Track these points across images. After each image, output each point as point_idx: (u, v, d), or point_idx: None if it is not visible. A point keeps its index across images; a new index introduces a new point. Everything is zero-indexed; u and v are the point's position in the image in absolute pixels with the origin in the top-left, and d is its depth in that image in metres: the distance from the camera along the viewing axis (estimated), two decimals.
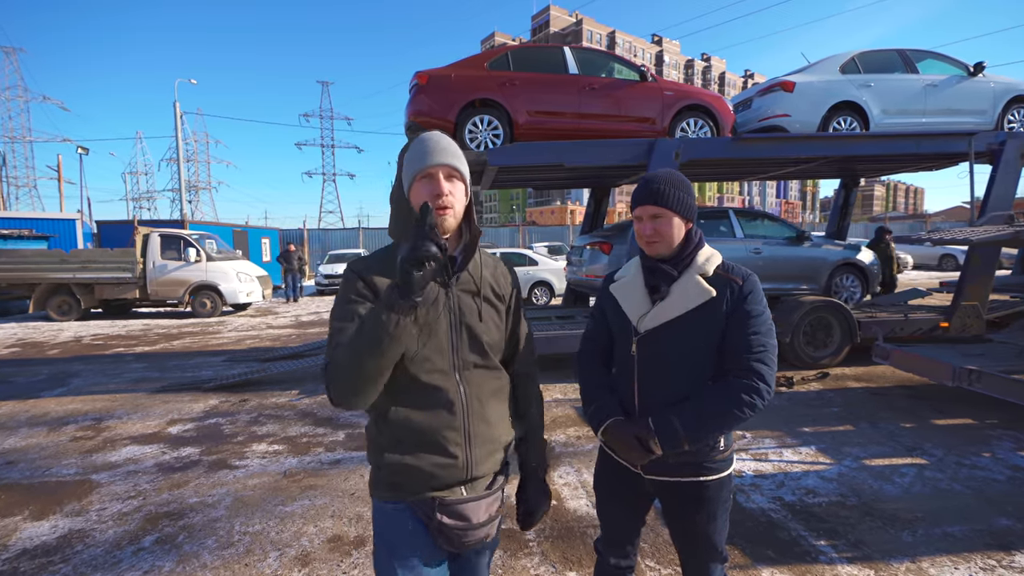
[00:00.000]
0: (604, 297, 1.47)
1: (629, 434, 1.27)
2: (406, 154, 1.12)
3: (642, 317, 1.32)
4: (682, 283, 1.29)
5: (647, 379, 1.31)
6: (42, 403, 5.06)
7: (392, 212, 1.16)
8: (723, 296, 1.26)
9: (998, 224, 4.50)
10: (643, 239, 1.32)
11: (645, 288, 1.35)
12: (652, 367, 1.31)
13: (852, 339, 5.65)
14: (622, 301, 1.38)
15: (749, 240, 6.02)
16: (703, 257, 1.32)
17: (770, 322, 1.29)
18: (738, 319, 1.25)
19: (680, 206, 1.29)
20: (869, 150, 5.75)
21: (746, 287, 1.27)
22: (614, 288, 1.42)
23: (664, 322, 1.29)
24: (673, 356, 1.29)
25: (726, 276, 1.29)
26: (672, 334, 1.28)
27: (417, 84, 5.23)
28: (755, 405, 1.22)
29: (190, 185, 57.51)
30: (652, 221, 1.29)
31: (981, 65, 6.03)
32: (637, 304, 1.34)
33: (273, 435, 4.06)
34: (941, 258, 19.46)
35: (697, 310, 1.26)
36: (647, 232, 1.30)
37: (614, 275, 1.48)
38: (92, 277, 10.70)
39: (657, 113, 5.59)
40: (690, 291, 1.28)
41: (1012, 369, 3.81)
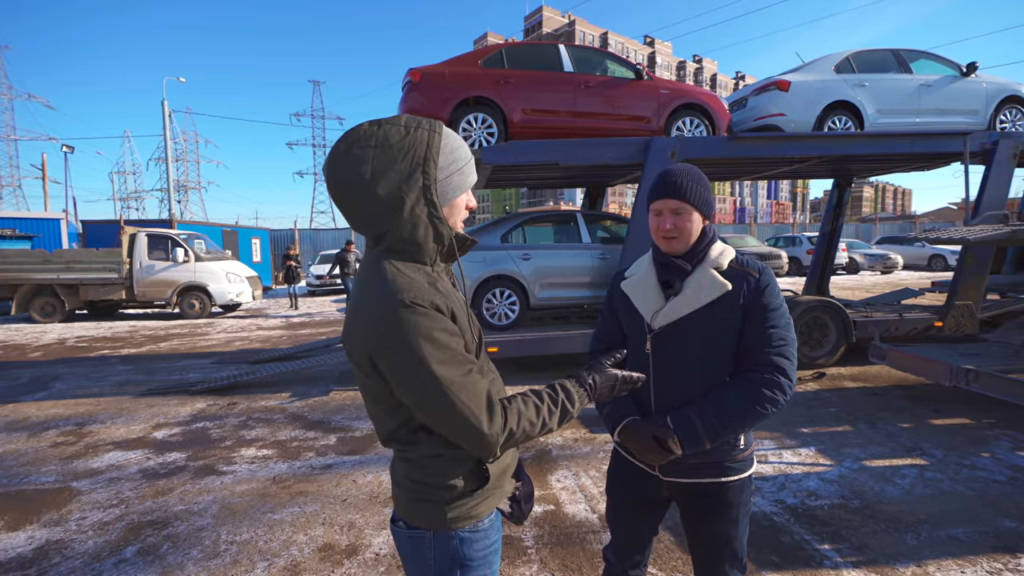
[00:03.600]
0: (615, 295, 1.41)
1: (647, 434, 1.22)
2: (451, 153, 0.95)
3: (656, 314, 1.27)
4: (696, 277, 1.24)
5: (663, 377, 1.27)
6: (22, 407, 4.91)
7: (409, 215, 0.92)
8: (739, 290, 1.22)
9: (992, 224, 4.50)
10: (661, 234, 1.27)
11: (658, 284, 1.30)
12: (668, 365, 1.26)
13: (847, 339, 5.64)
14: (634, 298, 1.33)
15: (596, 247, 5.80)
16: (717, 251, 1.27)
17: (788, 316, 1.25)
18: (756, 313, 1.21)
19: (700, 201, 1.25)
20: (864, 149, 5.75)
21: (763, 280, 1.23)
22: (625, 285, 1.37)
23: (679, 318, 1.24)
24: (690, 353, 1.25)
25: (741, 269, 1.25)
26: (688, 330, 1.24)
27: (410, 81, 5.14)
28: (777, 401, 1.18)
29: (179, 185, 56.88)
30: (673, 216, 1.25)
31: (974, 65, 6.05)
32: (651, 301, 1.29)
33: (262, 439, 3.96)
34: (931, 258, 19.70)
35: (713, 305, 1.22)
36: (667, 227, 1.25)
37: (624, 272, 1.42)
38: (77, 278, 10.48)
39: (653, 112, 5.55)
40: (704, 285, 1.23)
41: (1008, 368, 3.80)
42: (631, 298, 1.34)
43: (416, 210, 0.91)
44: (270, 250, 19.22)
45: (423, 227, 0.92)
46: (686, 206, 1.24)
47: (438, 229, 0.94)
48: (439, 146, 0.92)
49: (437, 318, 0.88)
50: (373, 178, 0.89)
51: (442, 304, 0.90)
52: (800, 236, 19.11)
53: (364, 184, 0.89)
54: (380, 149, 0.89)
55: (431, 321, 0.87)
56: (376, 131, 0.90)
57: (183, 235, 11.39)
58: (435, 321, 0.88)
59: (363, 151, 0.89)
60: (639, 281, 1.34)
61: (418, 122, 0.93)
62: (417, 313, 0.86)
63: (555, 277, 5.64)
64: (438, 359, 0.86)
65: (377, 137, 0.89)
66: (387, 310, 0.86)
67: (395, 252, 0.94)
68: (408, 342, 0.85)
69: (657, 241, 1.30)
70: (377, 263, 0.92)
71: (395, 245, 0.93)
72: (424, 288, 0.90)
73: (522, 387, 1.02)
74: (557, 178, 7.57)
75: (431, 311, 0.88)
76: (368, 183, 0.89)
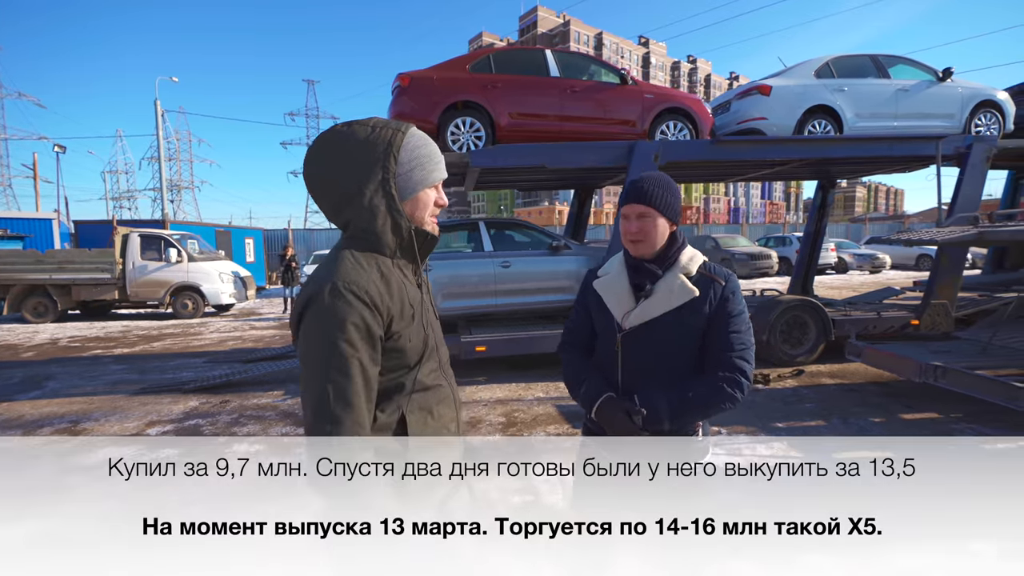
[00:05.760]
0: (588, 293, 1.48)
1: (620, 409, 1.31)
2: (413, 149, 1.02)
3: (627, 314, 1.35)
4: (667, 282, 1.32)
5: (631, 374, 1.35)
6: (16, 406, 4.98)
7: (366, 209, 1.00)
8: (706, 296, 1.31)
9: (963, 225, 4.66)
10: (628, 237, 1.36)
11: (630, 286, 1.37)
12: (636, 363, 1.35)
13: (827, 337, 5.80)
14: (606, 298, 1.40)
15: (498, 254, 5.74)
16: (686, 257, 1.36)
17: (749, 321, 1.35)
18: (721, 318, 1.31)
19: (665, 207, 1.33)
20: (843, 153, 5.91)
21: (728, 288, 1.33)
22: (598, 284, 1.44)
23: (649, 320, 1.32)
24: (657, 352, 1.33)
25: (709, 276, 1.34)
26: (656, 331, 1.32)
27: (399, 86, 5.24)
28: (735, 398, 1.28)
29: (172, 184, 56.55)
30: (638, 220, 1.33)
31: (949, 71, 6.22)
32: (622, 301, 1.37)
33: (254, 435, 4.05)
34: (918, 258, 19.91)
35: (681, 308, 1.30)
36: (632, 231, 1.34)
37: (597, 271, 1.50)
38: (69, 278, 10.49)
39: (637, 116, 5.67)
40: (674, 290, 1.31)
41: (975, 365, 3.94)
42: (603, 297, 1.41)
43: (375, 201, 0.98)
44: (264, 250, 19.24)
45: (381, 217, 0.99)
46: (651, 211, 1.32)
47: (396, 220, 1.01)
48: (400, 143, 1.00)
49: (359, 309, 0.92)
50: (337, 170, 0.99)
51: (379, 299, 0.95)
52: (790, 236, 19.33)
53: (330, 176, 1.00)
54: (346, 145, 0.99)
55: (350, 309, 0.91)
56: (345, 130, 1.00)
57: (176, 235, 11.43)
58: (355, 311, 0.91)
59: (331, 147, 1.00)
60: (612, 281, 1.41)
61: (386, 123, 1.02)
62: (341, 298, 0.91)
63: (455, 287, 5.53)
64: (331, 340, 0.90)
65: (345, 135, 1.00)
66: (319, 288, 0.92)
67: (356, 240, 1.01)
68: (319, 317, 0.91)
69: (625, 244, 1.38)
70: (338, 250, 1.01)
71: (356, 233, 1.01)
72: (366, 278, 0.95)
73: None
74: (545, 180, 7.69)
75: (357, 301, 0.92)
76: (333, 175, 1.00)
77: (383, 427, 1.01)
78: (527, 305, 5.80)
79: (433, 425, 1.06)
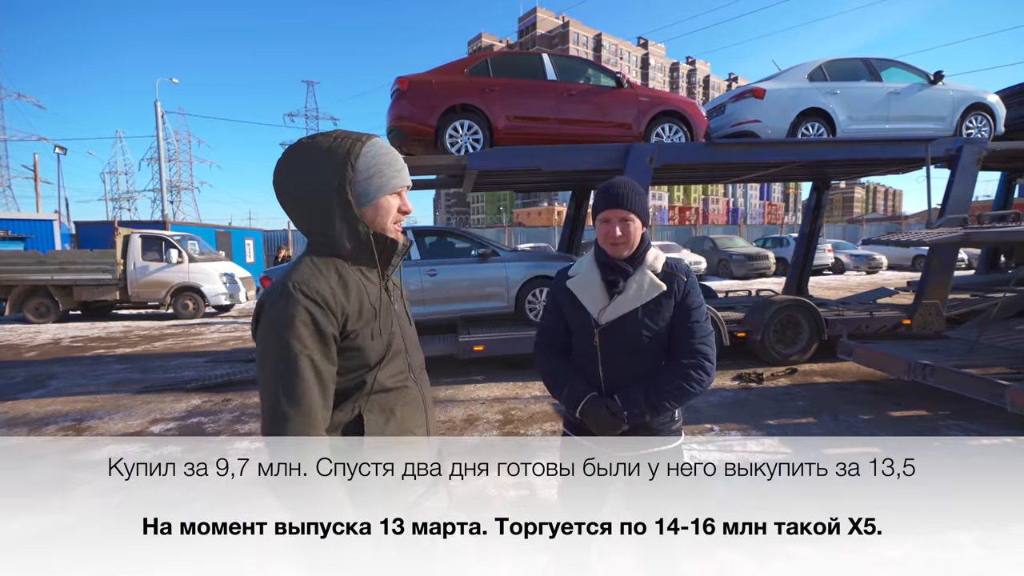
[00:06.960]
0: (560, 292, 1.57)
1: (603, 408, 1.42)
2: (372, 157, 1.05)
3: (602, 310, 1.46)
4: (637, 279, 1.45)
5: (609, 365, 1.47)
6: (21, 404, 5.05)
7: (321, 210, 1.04)
8: (672, 290, 1.44)
9: (952, 226, 4.74)
10: (610, 240, 1.46)
11: (603, 283, 1.48)
12: (614, 355, 1.46)
13: (820, 336, 5.88)
14: (581, 296, 1.50)
15: (424, 263, 5.67)
16: (652, 256, 1.49)
17: (706, 311, 1.49)
18: (684, 310, 1.45)
19: (641, 211, 1.46)
20: (836, 155, 5.99)
21: (689, 282, 1.47)
22: (572, 284, 1.54)
23: (623, 314, 1.44)
24: (632, 343, 1.45)
25: (672, 273, 1.47)
26: (630, 325, 1.44)
27: (398, 89, 5.33)
28: (703, 381, 1.42)
29: (172, 185, 56.63)
30: (622, 224, 1.44)
31: (940, 74, 6.31)
32: (596, 298, 1.48)
33: (255, 432, 4.13)
34: (914, 259, 19.97)
35: (651, 302, 1.43)
36: (616, 234, 1.44)
37: (568, 271, 1.59)
38: (71, 279, 10.56)
39: (633, 118, 5.76)
40: (645, 286, 1.44)
41: (963, 364, 4.01)
42: (578, 296, 1.51)
43: (331, 206, 1.02)
44: (263, 251, 19.32)
45: (339, 223, 1.03)
46: (631, 215, 1.44)
47: (353, 226, 1.04)
48: (359, 152, 1.03)
49: (308, 307, 0.94)
50: (300, 179, 1.03)
51: (331, 298, 0.97)
52: (788, 237, 19.41)
53: (293, 184, 1.04)
54: (309, 155, 1.03)
55: (299, 307, 0.93)
56: (310, 142, 1.04)
57: (177, 236, 11.50)
58: (303, 309, 0.93)
59: (296, 157, 1.04)
60: (585, 280, 1.52)
61: (348, 134, 1.06)
62: (290, 297, 0.93)
63: None
64: (281, 338, 0.92)
65: (309, 146, 1.04)
66: (271, 290, 0.97)
67: (316, 246, 1.05)
68: (270, 316, 0.94)
69: (605, 247, 1.49)
70: (299, 256, 1.07)
71: (317, 239, 1.06)
72: (319, 279, 0.97)
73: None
74: (542, 182, 7.78)
75: (306, 299, 0.94)
76: (296, 183, 1.04)
77: (339, 425, 1.01)
78: (455, 313, 5.77)
79: (394, 426, 1.06)
